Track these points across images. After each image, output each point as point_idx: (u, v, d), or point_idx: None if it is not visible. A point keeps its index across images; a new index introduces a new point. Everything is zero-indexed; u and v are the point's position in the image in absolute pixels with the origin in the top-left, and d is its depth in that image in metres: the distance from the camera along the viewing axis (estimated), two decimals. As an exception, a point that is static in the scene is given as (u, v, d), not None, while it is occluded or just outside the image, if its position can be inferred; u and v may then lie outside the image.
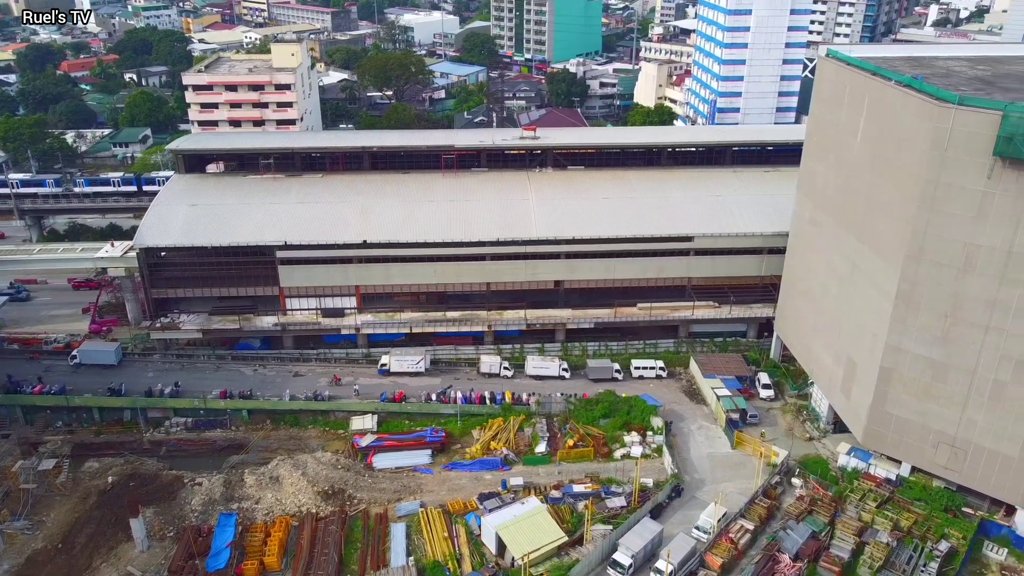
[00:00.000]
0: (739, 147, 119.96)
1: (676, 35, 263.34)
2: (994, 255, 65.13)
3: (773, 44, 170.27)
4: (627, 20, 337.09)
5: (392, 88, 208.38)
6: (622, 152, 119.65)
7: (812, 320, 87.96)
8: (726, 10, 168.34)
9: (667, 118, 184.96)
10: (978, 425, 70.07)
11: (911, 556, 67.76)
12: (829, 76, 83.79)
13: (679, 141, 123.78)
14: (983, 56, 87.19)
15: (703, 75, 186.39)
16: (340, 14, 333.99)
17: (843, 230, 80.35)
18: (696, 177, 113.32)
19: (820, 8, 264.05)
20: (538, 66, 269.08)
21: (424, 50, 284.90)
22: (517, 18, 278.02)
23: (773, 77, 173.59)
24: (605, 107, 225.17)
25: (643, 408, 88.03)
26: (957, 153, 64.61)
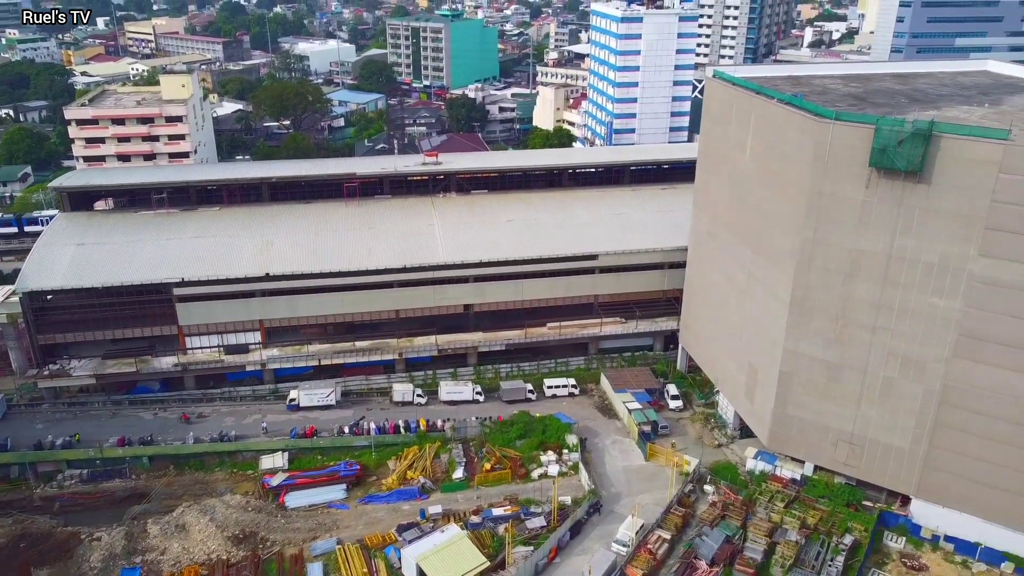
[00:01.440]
0: (636, 166, 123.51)
1: (571, 59, 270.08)
2: (876, 259, 69.16)
3: (663, 67, 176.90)
4: (522, 46, 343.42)
5: (289, 118, 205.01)
6: (524, 175, 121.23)
7: (714, 330, 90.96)
8: (617, 35, 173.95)
9: (566, 140, 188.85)
10: (872, 421, 73.86)
11: (819, 552, 70.45)
12: (717, 96, 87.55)
13: (579, 162, 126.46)
14: (855, 74, 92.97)
15: (599, 98, 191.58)
16: (232, 44, 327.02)
17: (738, 242, 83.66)
18: (597, 197, 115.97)
19: (705, 32, 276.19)
20: (437, 92, 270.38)
21: (321, 79, 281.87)
22: (414, 46, 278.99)
23: (665, 98, 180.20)
24: (505, 131, 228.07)
25: (558, 427, 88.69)
26: (837, 165, 68.49)
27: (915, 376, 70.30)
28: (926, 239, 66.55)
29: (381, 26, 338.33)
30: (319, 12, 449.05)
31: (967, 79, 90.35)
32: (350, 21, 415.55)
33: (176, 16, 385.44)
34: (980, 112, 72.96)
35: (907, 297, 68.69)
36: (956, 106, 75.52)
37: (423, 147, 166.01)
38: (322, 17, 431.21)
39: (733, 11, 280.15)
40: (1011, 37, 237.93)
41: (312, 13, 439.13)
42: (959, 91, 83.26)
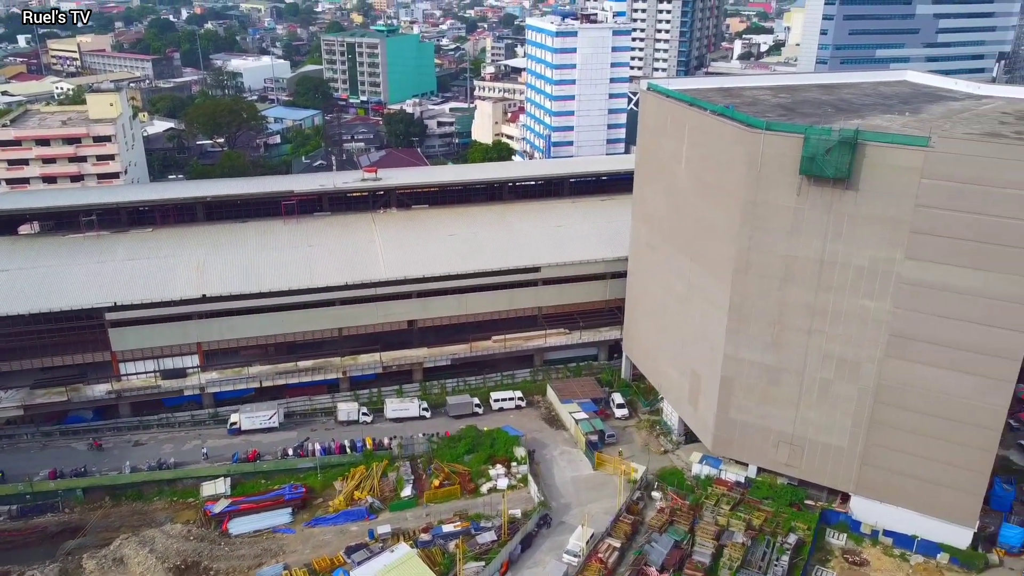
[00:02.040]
0: (576, 178, 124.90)
1: (508, 74, 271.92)
2: (809, 265, 71.23)
3: (599, 80, 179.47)
4: (459, 60, 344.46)
5: (223, 135, 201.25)
6: (465, 189, 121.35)
7: (657, 338, 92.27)
8: (553, 49, 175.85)
9: (505, 154, 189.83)
10: (811, 422, 75.81)
11: (765, 552, 71.81)
12: (651, 108, 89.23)
13: (519, 175, 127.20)
14: (783, 85, 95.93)
15: (536, 111, 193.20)
16: (161, 61, 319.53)
17: (677, 251, 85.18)
18: (538, 209, 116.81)
19: (639, 45, 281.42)
20: (374, 107, 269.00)
21: (255, 95, 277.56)
22: (349, 61, 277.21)
23: (601, 111, 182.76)
24: (444, 145, 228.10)
25: (506, 440, 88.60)
26: (769, 174, 70.43)
27: (850, 376, 72.51)
28: (856, 244, 68.85)
29: (316, 42, 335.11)
30: (251, 28, 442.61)
31: (888, 89, 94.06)
32: (284, 37, 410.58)
33: (102, 33, 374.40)
34: (902, 120, 75.99)
35: (840, 300, 70.89)
36: (879, 115, 78.51)
37: (362, 163, 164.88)
38: (255, 33, 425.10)
39: (665, 25, 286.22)
40: (927, 48, 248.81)
41: (244, 29, 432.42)
42: (881, 100, 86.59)
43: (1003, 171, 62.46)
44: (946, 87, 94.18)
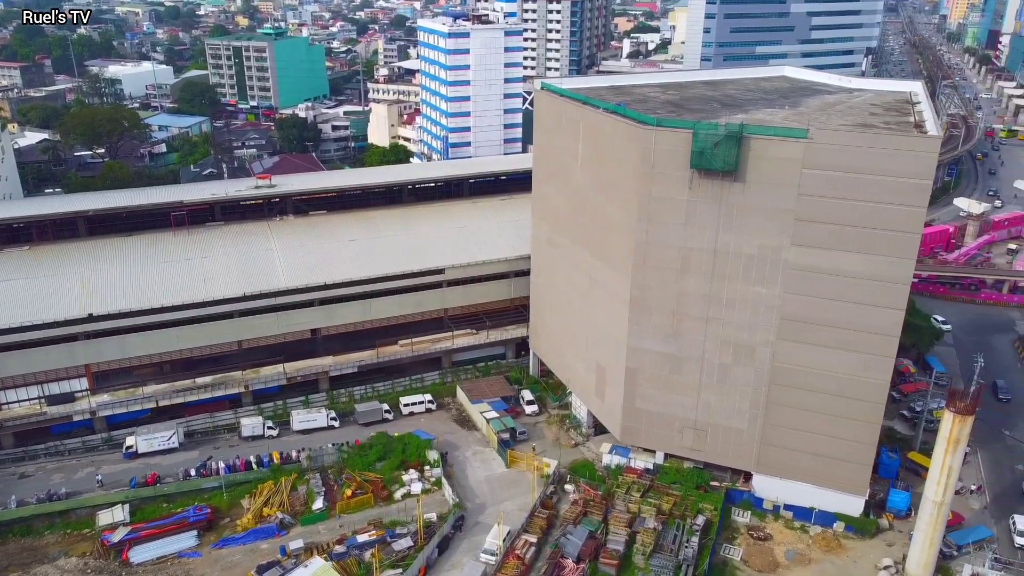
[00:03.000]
0: (475, 179, 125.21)
1: (401, 75, 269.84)
2: (703, 255, 73.88)
3: (493, 80, 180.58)
4: (351, 63, 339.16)
5: (104, 145, 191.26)
6: (364, 193, 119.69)
7: (562, 334, 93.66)
8: (446, 50, 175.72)
9: (403, 156, 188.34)
10: (712, 406, 78.68)
11: (676, 535, 74.05)
12: (546, 107, 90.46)
13: (418, 178, 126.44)
14: (671, 82, 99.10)
15: (432, 113, 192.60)
16: (31, 68, 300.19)
17: (578, 247, 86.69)
18: (439, 211, 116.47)
19: (531, 45, 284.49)
20: (265, 112, 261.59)
21: (137, 103, 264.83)
22: (236, 65, 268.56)
23: (497, 111, 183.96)
24: (340, 149, 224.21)
25: (417, 444, 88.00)
26: (662, 169, 72.62)
27: (746, 361, 75.66)
28: (745, 233, 71.86)
29: (200, 46, 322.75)
30: (129, 33, 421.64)
31: (769, 84, 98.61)
32: (164, 41, 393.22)
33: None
34: (783, 114, 79.86)
35: (733, 288, 73.85)
36: (761, 109, 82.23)
37: (255, 170, 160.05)
38: (133, 38, 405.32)
39: (556, 25, 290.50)
40: (802, 44, 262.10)
41: (122, 34, 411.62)
42: (763, 95, 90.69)
43: (875, 159, 66.51)
44: (821, 81, 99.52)
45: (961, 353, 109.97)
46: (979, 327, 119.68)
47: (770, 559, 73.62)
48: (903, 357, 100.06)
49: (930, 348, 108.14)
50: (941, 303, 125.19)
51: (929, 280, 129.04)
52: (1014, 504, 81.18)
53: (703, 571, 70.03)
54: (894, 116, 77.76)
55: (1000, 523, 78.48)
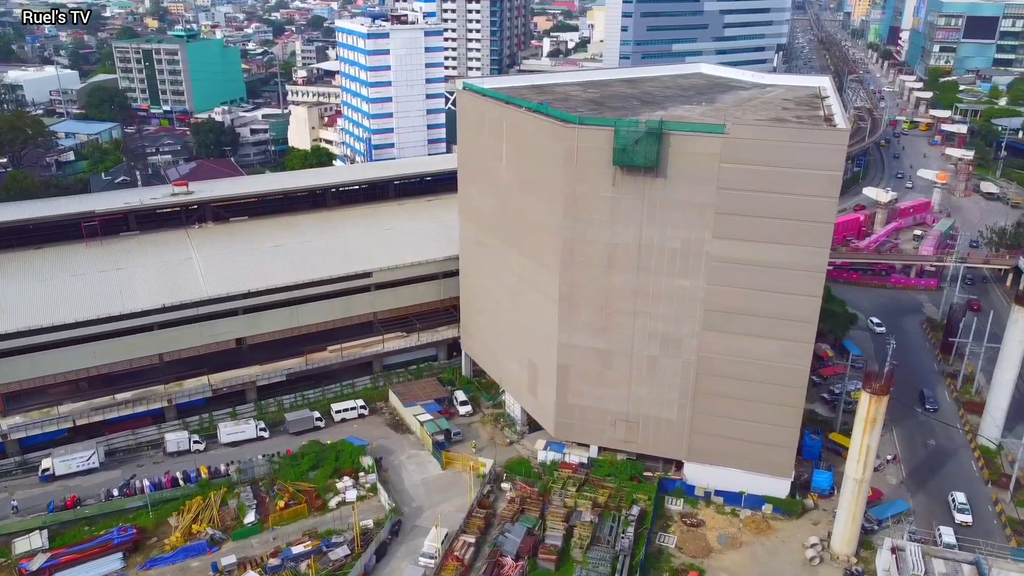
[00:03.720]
0: (400, 180, 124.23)
1: (321, 77, 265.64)
2: (629, 251, 75.15)
3: (414, 81, 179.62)
4: (268, 65, 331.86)
5: (6, 155, 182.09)
6: (286, 197, 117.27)
7: (493, 333, 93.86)
8: (365, 51, 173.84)
9: (326, 159, 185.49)
10: (643, 398, 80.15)
11: (612, 527, 75.17)
12: (469, 107, 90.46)
13: (343, 180, 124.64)
14: (591, 80, 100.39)
15: (354, 114, 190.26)
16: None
17: (506, 246, 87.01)
18: (364, 214, 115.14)
19: (452, 45, 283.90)
20: (180, 117, 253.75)
21: (40, 109, 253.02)
22: (147, 69, 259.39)
23: (420, 111, 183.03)
24: (260, 153, 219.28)
25: (351, 450, 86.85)
26: (586, 166, 73.52)
27: (674, 352, 77.33)
28: (669, 227, 73.42)
29: (107, 49, 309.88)
30: (29, 36, 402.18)
31: (685, 81, 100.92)
32: (68, 44, 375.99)
33: None
34: (700, 110, 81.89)
35: (659, 282, 75.38)
36: (679, 106, 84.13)
37: (170, 176, 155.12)
38: (33, 41, 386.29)
39: (475, 24, 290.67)
40: (716, 42, 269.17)
41: (21, 37, 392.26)
42: (680, 92, 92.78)
43: (789, 153, 68.88)
44: (735, 77, 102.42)
45: (875, 336, 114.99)
46: (890, 310, 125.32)
47: (703, 544, 75.48)
48: (821, 342, 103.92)
49: (846, 332, 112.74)
50: (855, 289, 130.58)
51: (843, 267, 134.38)
52: (927, 478, 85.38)
53: (639, 560, 71.29)
54: (805, 110, 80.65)
55: (915, 496, 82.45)
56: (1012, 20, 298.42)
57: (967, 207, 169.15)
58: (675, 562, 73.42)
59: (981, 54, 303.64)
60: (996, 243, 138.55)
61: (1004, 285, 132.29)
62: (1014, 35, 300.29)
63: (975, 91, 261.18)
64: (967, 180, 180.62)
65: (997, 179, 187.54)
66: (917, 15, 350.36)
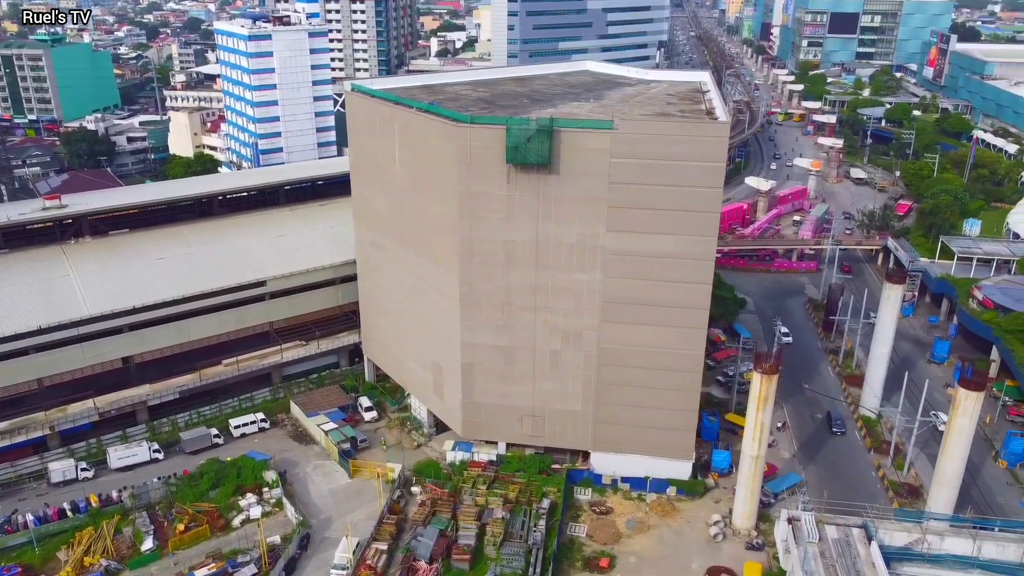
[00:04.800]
0: (291, 185, 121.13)
1: (201, 81, 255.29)
2: (526, 247, 75.93)
3: (301, 83, 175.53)
4: (143, 69, 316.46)
5: None
6: (170, 207, 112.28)
7: (396, 336, 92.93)
8: (247, 53, 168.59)
9: (211, 166, 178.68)
10: (548, 392, 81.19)
11: (523, 521, 75.83)
12: (358, 108, 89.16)
13: (229, 187, 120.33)
14: (481, 80, 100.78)
15: (238, 119, 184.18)
16: None
17: (403, 248, 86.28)
18: (255, 221, 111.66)
19: (338, 46, 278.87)
20: (47, 127, 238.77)
21: None
22: (8, 76, 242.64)
23: (308, 114, 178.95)
24: (139, 162, 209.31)
25: (253, 466, 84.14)
26: (479, 165, 73.78)
27: (575, 345, 78.70)
28: (564, 223, 74.61)
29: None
30: None
31: (573, 78, 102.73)
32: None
33: None
34: (588, 107, 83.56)
35: (557, 277, 76.50)
36: (568, 103, 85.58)
37: (41, 190, 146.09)
38: None
39: (361, 25, 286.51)
40: (601, 40, 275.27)
41: None
42: (569, 89, 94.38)
43: (674, 146, 71.24)
44: (621, 74, 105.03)
45: (763, 318, 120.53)
46: (775, 293, 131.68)
47: (613, 531, 77.21)
48: (713, 327, 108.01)
49: (735, 317, 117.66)
50: (742, 275, 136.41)
51: (730, 255, 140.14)
52: (816, 450, 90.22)
53: (552, 552, 72.23)
54: (688, 105, 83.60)
55: (807, 468, 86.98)
56: (871, 16, 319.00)
57: (840, 192, 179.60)
58: (587, 551, 74.80)
59: (845, 48, 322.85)
60: (867, 225, 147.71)
61: (876, 265, 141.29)
62: (873, 30, 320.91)
63: (841, 83, 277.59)
64: (838, 167, 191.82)
65: (865, 165, 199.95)
66: (786, 12, 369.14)
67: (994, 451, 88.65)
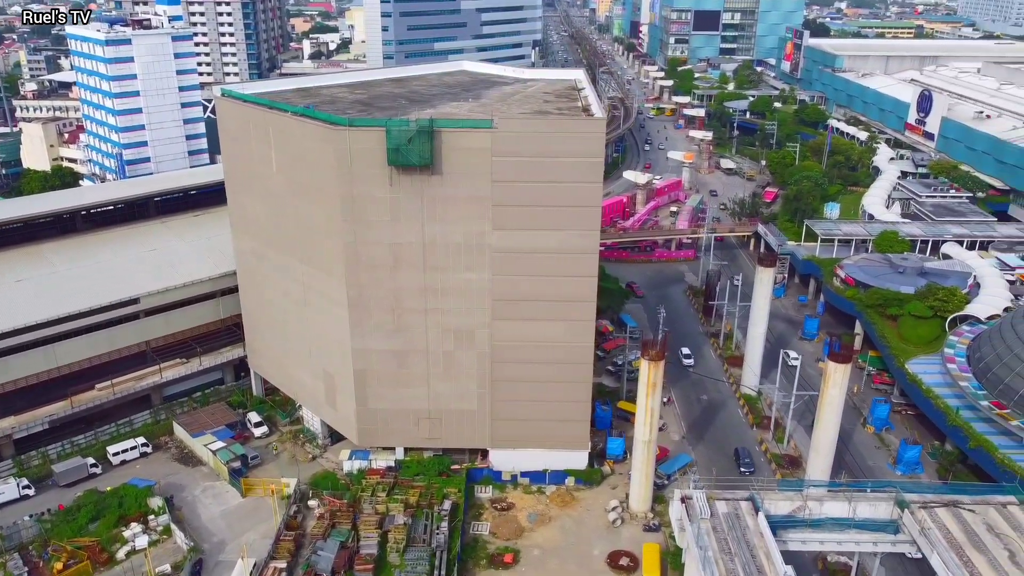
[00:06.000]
0: (162, 196, 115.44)
1: (55, 89, 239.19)
2: (413, 249, 75.43)
3: (166, 89, 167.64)
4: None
5: None
6: (26, 225, 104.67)
7: (283, 347, 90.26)
8: (106, 59, 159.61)
9: (71, 180, 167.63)
10: (443, 394, 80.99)
11: (425, 525, 75.41)
12: (230, 114, 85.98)
13: (93, 201, 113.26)
14: (358, 82, 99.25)
15: (99, 129, 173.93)
16: None
17: (286, 256, 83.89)
18: (124, 236, 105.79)
19: (204, 50, 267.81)
20: None
21: None
22: None
23: (176, 122, 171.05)
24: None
25: (136, 494, 79.76)
26: (361, 168, 72.67)
27: (468, 345, 78.86)
28: (450, 223, 74.59)
29: None
30: None
31: (451, 79, 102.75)
32: None
33: None
34: (468, 106, 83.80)
35: (446, 277, 76.42)
36: (447, 103, 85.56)
37: None
38: None
39: (228, 28, 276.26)
40: (476, 39, 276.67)
41: None
42: (447, 89, 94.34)
43: (554, 143, 72.51)
44: (498, 73, 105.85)
45: (648, 307, 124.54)
46: (657, 282, 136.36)
47: (515, 526, 77.94)
48: (601, 319, 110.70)
49: (622, 307, 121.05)
50: (626, 266, 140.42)
51: (612, 247, 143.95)
52: (704, 429, 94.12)
53: (456, 553, 72.18)
54: (565, 102, 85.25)
55: (696, 448, 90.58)
56: (731, 14, 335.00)
57: (712, 183, 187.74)
58: (491, 548, 75.18)
59: (709, 44, 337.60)
60: (738, 213, 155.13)
61: (748, 250, 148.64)
62: (734, 27, 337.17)
63: (707, 78, 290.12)
64: (709, 159, 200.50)
65: (733, 156, 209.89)
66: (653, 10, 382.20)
67: (862, 418, 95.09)
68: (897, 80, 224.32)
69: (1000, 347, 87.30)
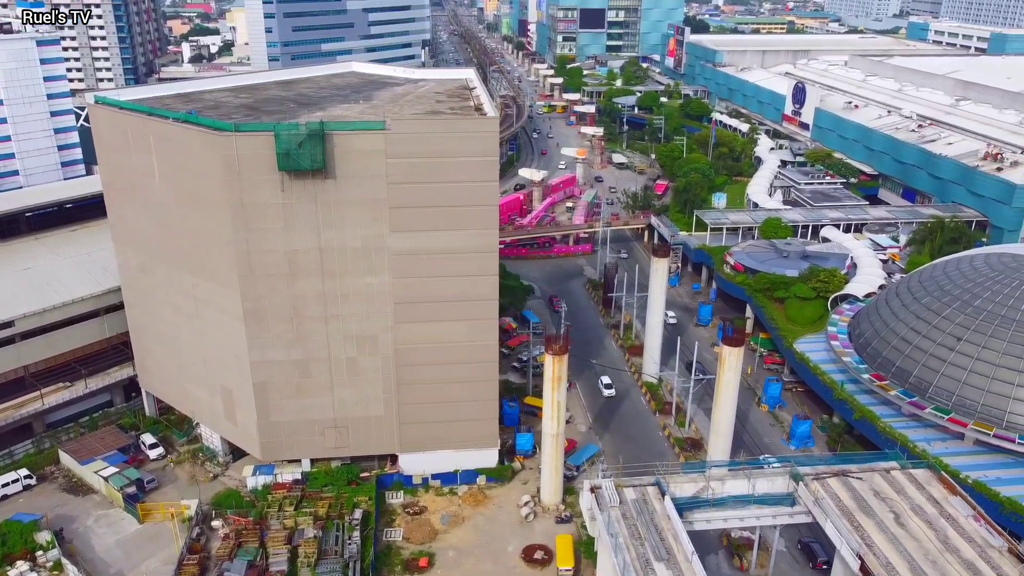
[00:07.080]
0: (33, 211, 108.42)
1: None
2: (310, 256, 73.72)
3: (33, 98, 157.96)
4: None
5: None
6: None
7: (176, 364, 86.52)
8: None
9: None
10: (348, 401, 79.58)
11: (337, 536, 73.95)
12: (106, 122, 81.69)
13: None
14: (242, 85, 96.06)
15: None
16: None
17: (174, 268, 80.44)
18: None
19: (75, 55, 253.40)
20: None
21: None
22: None
23: (46, 131, 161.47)
24: None
25: (20, 529, 74.66)
26: (250, 175, 70.40)
27: (371, 350, 77.78)
28: (347, 227, 73.29)
29: None
30: None
31: (340, 80, 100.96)
32: None
33: None
34: (359, 108, 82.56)
35: (346, 283, 75.08)
36: (338, 105, 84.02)
37: None
38: None
39: (99, 31, 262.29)
40: (365, 40, 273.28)
41: None
42: (336, 91, 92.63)
43: (448, 143, 72.38)
44: (388, 74, 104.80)
45: (549, 303, 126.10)
46: (557, 277, 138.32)
47: (428, 529, 77.47)
48: (504, 316, 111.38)
49: (524, 304, 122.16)
50: (526, 263, 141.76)
51: (512, 244, 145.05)
52: (609, 419, 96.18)
53: (370, 562, 71.13)
54: (457, 102, 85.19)
55: (603, 438, 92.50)
56: (616, 11, 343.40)
57: (605, 178, 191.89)
58: (405, 553, 74.47)
59: (596, 42, 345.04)
60: (631, 206, 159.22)
61: (643, 242, 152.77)
62: (619, 24, 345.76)
63: (596, 75, 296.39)
64: (602, 154, 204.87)
65: (624, 151, 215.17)
66: (540, 9, 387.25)
67: (756, 397, 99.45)
68: (773, 74, 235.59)
69: (877, 323, 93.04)
